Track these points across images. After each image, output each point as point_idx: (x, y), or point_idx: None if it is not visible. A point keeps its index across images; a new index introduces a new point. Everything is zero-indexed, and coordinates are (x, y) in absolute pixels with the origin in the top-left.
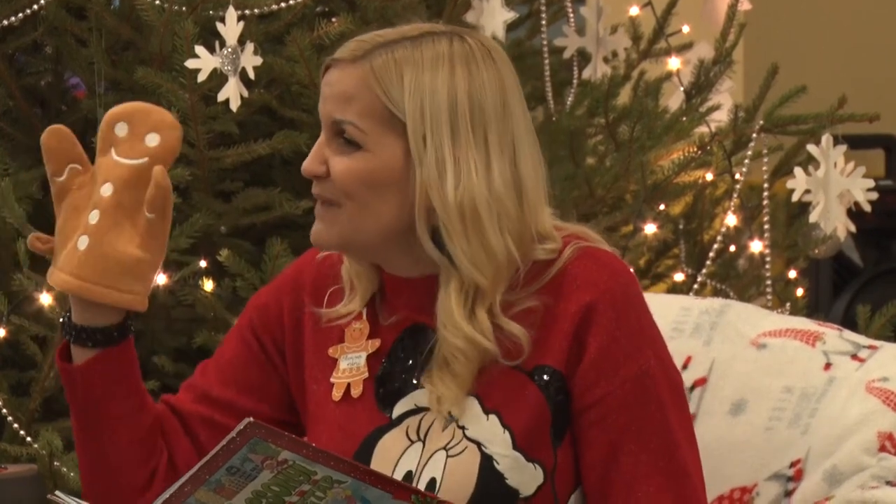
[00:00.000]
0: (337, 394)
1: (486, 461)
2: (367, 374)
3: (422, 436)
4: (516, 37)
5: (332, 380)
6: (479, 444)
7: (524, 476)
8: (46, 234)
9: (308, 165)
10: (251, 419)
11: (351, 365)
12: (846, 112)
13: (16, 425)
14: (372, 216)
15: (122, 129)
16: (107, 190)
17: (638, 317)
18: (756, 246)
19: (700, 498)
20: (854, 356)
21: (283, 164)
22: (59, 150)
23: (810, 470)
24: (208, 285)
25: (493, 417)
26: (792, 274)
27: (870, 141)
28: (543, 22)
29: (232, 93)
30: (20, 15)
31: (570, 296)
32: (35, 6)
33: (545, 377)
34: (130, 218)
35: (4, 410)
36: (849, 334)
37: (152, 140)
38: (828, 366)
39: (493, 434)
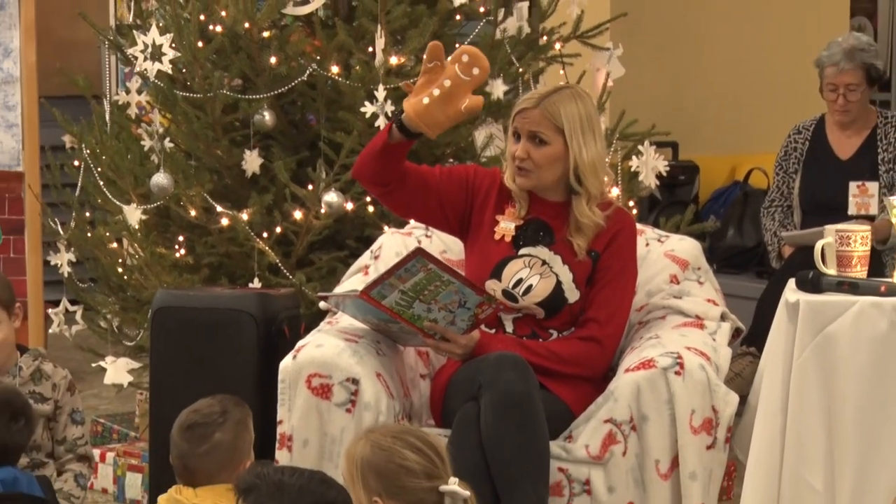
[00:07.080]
0: (497, 237)
1: (558, 284)
2: (513, 233)
3: (530, 266)
4: (508, 98)
5: (495, 229)
6: (556, 276)
7: (573, 294)
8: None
9: (520, 153)
10: (419, 246)
11: (506, 226)
12: (655, 131)
13: (284, 270)
14: (548, 175)
15: (465, 58)
16: (446, 84)
17: (634, 243)
18: (615, 191)
19: (622, 323)
20: (659, 240)
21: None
22: (435, 53)
23: (639, 291)
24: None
25: (566, 267)
26: (630, 203)
27: (666, 144)
28: (521, 90)
29: (381, 122)
30: (286, 87)
31: (612, 225)
32: (293, 83)
33: (593, 254)
34: (447, 102)
35: (279, 263)
36: (657, 230)
37: (476, 71)
38: (647, 244)
39: (565, 274)
